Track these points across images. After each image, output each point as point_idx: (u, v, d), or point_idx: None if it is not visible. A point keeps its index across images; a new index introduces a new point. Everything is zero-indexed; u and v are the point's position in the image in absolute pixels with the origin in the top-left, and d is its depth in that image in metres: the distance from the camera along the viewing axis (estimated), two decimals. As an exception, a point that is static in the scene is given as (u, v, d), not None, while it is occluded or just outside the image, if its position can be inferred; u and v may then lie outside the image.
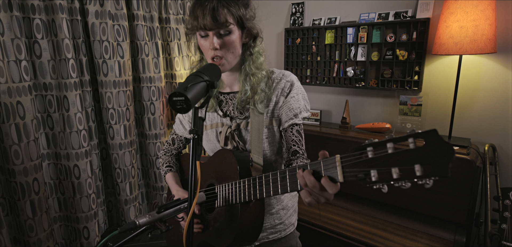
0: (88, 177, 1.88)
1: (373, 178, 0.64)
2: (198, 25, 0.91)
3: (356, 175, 0.66)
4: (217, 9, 0.89)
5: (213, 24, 0.89)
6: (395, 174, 0.61)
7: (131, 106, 2.15)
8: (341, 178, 0.68)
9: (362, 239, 1.59)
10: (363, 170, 0.65)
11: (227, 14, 0.91)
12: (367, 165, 0.65)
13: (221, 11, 0.90)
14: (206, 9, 0.89)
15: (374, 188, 0.65)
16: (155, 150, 2.35)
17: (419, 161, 0.58)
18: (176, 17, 2.47)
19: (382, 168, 0.63)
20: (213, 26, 0.90)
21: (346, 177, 0.67)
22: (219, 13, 0.90)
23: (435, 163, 0.57)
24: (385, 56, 1.98)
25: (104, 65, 1.96)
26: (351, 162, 0.67)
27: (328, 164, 0.71)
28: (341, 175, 0.68)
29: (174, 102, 0.73)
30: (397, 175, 0.61)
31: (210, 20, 0.89)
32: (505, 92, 1.66)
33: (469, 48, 1.48)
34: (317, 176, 0.73)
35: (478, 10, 1.45)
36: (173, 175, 1.23)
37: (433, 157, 0.57)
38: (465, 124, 1.81)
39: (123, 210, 2.19)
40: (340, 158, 0.69)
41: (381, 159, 0.63)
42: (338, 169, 0.68)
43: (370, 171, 0.64)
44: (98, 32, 1.90)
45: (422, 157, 0.58)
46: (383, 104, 2.09)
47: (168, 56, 2.50)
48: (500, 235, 1.05)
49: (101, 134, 2.16)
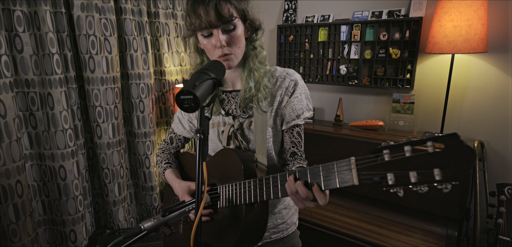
0: (74, 178, 1.79)
1: (389, 182, 0.63)
2: (202, 23, 0.87)
3: (372, 178, 0.65)
4: (220, 4, 0.86)
5: (218, 20, 0.86)
6: (413, 178, 0.60)
7: (119, 103, 2.07)
8: (357, 181, 0.66)
9: (359, 236, 1.60)
10: (379, 173, 0.64)
11: (230, 8, 0.88)
12: (384, 168, 0.64)
13: (224, 6, 0.87)
14: (209, 6, 0.85)
15: (391, 192, 0.64)
16: (145, 149, 2.28)
17: (439, 165, 0.57)
18: (165, 11, 2.39)
19: (400, 172, 0.62)
20: (218, 23, 0.86)
21: (361, 180, 0.66)
22: (223, 8, 0.86)
23: (455, 168, 0.56)
24: (378, 54, 1.99)
25: (91, 60, 1.87)
26: (367, 164, 0.66)
27: (342, 166, 0.69)
28: (357, 177, 0.66)
29: (181, 101, 0.69)
30: (416, 179, 0.60)
31: (215, 16, 0.85)
32: (494, 91, 1.71)
33: (462, 47, 1.51)
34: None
35: (471, 10, 1.47)
36: (173, 170, 1.18)
37: (453, 161, 0.56)
38: (455, 121, 1.85)
39: (112, 211, 2.11)
40: (355, 161, 0.67)
41: (398, 163, 0.62)
42: (353, 172, 0.67)
43: (386, 174, 0.63)
44: (84, 26, 1.81)
45: (441, 161, 0.57)
46: (376, 101, 2.11)
47: (157, 52, 2.42)
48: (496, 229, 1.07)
49: (88, 133, 2.06)
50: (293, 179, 0.77)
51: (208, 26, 0.87)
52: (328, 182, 0.72)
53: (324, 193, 0.74)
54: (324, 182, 0.72)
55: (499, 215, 1.08)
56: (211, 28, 0.88)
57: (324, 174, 0.72)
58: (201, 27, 0.88)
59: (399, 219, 1.70)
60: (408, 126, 1.90)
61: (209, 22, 0.86)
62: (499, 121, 1.73)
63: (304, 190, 0.74)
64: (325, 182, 0.72)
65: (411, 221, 1.68)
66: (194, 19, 0.88)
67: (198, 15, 0.87)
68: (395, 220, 1.70)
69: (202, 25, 0.87)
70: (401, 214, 1.72)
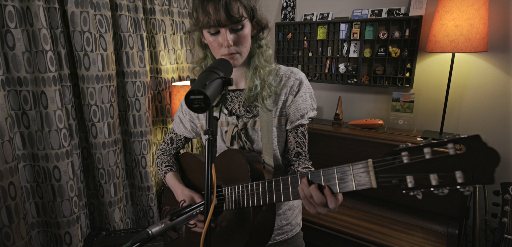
0: (69, 179, 1.74)
1: (409, 185, 0.62)
2: (210, 21, 0.84)
3: (391, 180, 0.63)
4: (230, 3, 0.83)
5: (227, 20, 0.83)
6: (434, 181, 0.59)
7: (115, 102, 2.02)
8: (375, 183, 0.65)
9: (361, 235, 1.60)
10: (398, 176, 0.63)
11: (240, 8, 0.85)
12: (403, 170, 0.62)
13: (234, 5, 0.84)
14: (219, 4, 0.82)
15: (410, 194, 0.62)
16: (141, 149, 2.23)
17: (461, 168, 0.56)
18: (161, 8, 2.35)
19: (419, 174, 0.61)
20: (227, 22, 0.84)
21: (379, 182, 0.65)
22: (233, 7, 0.84)
23: (478, 170, 0.55)
24: (377, 53, 1.99)
25: (86, 58, 1.81)
26: (385, 167, 0.64)
27: (358, 168, 0.67)
28: (375, 180, 0.65)
29: (191, 101, 0.67)
30: (437, 182, 0.59)
31: (224, 16, 0.83)
32: (493, 90, 1.72)
33: (464, 46, 1.51)
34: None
35: (473, 9, 1.48)
36: (174, 174, 1.15)
37: (476, 164, 0.55)
38: (454, 120, 1.86)
39: (107, 212, 2.06)
40: (373, 163, 0.66)
41: (418, 165, 0.61)
42: (371, 174, 0.65)
43: (406, 177, 0.62)
44: (79, 22, 1.75)
45: (463, 164, 0.56)
46: (375, 100, 2.11)
47: (153, 49, 2.38)
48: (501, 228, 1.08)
49: (82, 133, 2.01)
50: (306, 182, 0.75)
51: (217, 25, 0.85)
52: (343, 185, 0.70)
53: (336, 197, 0.72)
54: (339, 185, 0.70)
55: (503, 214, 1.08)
56: (219, 27, 0.85)
57: (339, 177, 0.70)
58: (209, 25, 0.85)
59: (400, 218, 1.70)
60: (408, 125, 1.90)
61: (218, 21, 0.83)
62: (498, 120, 1.74)
63: (319, 195, 0.72)
64: (340, 184, 0.70)
65: (412, 219, 1.68)
66: (202, 16, 0.85)
67: (207, 13, 0.84)
68: (396, 219, 1.71)
69: (210, 23, 0.84)
70: (402, 213, 1.72)
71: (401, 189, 0.62)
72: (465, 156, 0.56)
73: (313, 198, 0.73)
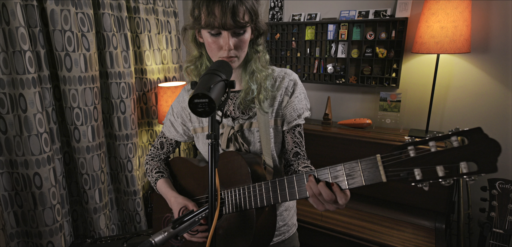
0: (51, 186, 1.66)
1: (417, 177, 0.64)
2: (215, 23, 0.82)
3: (399, 174, 0.66)
4: (237, 8, 0.81)
5: (232, 24, 0.81)
6: (440, 172, 0.62)
7: (99, 104, 1.94)
8: (384, 178, 0.67)
9: (353, 233, 1.62)
10: (406, 169, 0.65)
11: (245, 13, 0.84)
12: (410, 164, 0.65)
13: (240, 9, 0.82)
14: (226, 7, 0.80)
15: (419, 187, 0.65)
16: (126, 152, 2.16)
17: (465, 159, 0.59)
18: (146, 6, 2.28)
19: (426, 167, 0.64)
20: (232, 26, 0.82)
21: (388, 176, 0.67)
22: (239, 12, 0.82)
23: (481, 160, 0.58)
24: (365, 54, 2.02)
25: (67, 58, 1.73)
26: (393, 161, 0.66)
27: (367, 164, 0.69)
28: (384, 175, 0.67)
29: (195, 105, 0.64)
30: (443, 173, 0.62)
31: (231, 20, 0.81)
32: (475, 89, 1.79)
33: (449, 47, 1.56)
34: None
35: (457, 12, 1.53)
36: (166, 181, 1.12)
37: (479, 154, 0.58)
38: (438, 119, 1.93)
39: (92, 219, 1.98)
40: (381, 158, 0.67)
41: (424, 158, 0.63)
42: (380, 169, 0.67)
43: (413, 170, 0.65)
44: (59, 21, 1.66)
45: (467, 155, 0.59)
46: (362, 100, 2.15)
47: (138, 49, 2.30)
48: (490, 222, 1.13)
49: (64, 137, 1.92)
50: (314, 180, 0.75)
51: (221, 27, 0.82)
52: (352, 181, 0.71)
53: (345, 193, 0.73)
54: (348, 181, 0.71)
55: (491, 208, 1.13)
56: (223, 30, 0.83)
57: (347, 173, 0.72)
58: (212, 26, 0.83)
59: (389, 215, 1.74)
60: (395, 123, 1.95)
61: (223, 24, 0.81)
62: (479, 118, 1.82)
63: (328, 192, 0.73)
64: (349, 180, 0.71)
65: (400, 216, 1.72)
66: (206, 17, 0.82)
67: (212, 13, 0.81)
68: (386, 215, 1.74)
69: (214, 25, 0.82)
70: (391, 210, 1.76)
71: (409, 181, 0.65)
72: (469, 148, 0.59)
73: (322, 195, 0.74)
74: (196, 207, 0.98)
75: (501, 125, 1.76)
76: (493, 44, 1.70)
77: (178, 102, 1.12)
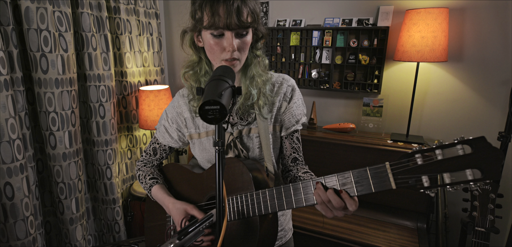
0: (24, 197, 1.54)
1: (425, 184, 0.67)
2: (219, 23, 0.80)
3: (408, 181, 0.68)
4: (241, 9, 0.81)
5: (237, 25, 0.80)
6: (447, 179, 0.64)
7: (77, 108, 1.83)
8: (394, 185, 0.69)
9: (342, 236, 1.65)
10: (414, 177, 0.67)
11: (248, 14, 0.83)
12: (418, 171, 0.67)
13: (244, 10, 0.82)
14: (232, 7, 0.79)
15: (426, 193, 0.67)
16: (105, 158, 2.05)
17: (470, 166, 0.62)
18: (127, 7, 2.19)
19: (433, 174, 0.66)
20: (236, 26, 0.81)
21: (398, 184, 0.68)
22: (243, 13, 0.81)
23: (486, 167, 0.61)
24: (348, 60, 2.08)
25: (43, 59, 1.62)
26: (402, 169, 0.68)
27: (376, 171, 0.70)
28: (393, 182, 0.69)
29: (205, 112, 0.63)
30: (450, 180, 0.64)
31: (236, 19, 0.80)
32: (450, 96, 1.90)
33: (428, 56, 1.65)
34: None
35: (436, 23, 1.62)
36: (161, 187, 1.08)
37: (483, 162, 0.61)
38: (417, 123, 2.02)
39: (68, 230, 1.86)
40: (390, 165, 0.69)
41: (431, 166, 0.66)
42: (390, 176, 0.69)
43: (421, 177, 0.66)
44: (35, 19, 1.56)
45: (472, 163, 0.62)
46: (346, 105, 2.20)
47: (118, 51, 2.21)
48: (472, 221, 1.20)
49: (37, 143, 1.79)
50: (322, 187, 0.75)
51: (225, 28, 0.81)
52: (361, 188, 0.72)
53: (354, 200, 0.74)
54: (357, 188, 0.72)
55: (473, 208, 1.20)
56: (227, 30, 0.82)
57: (355, 180, 0.72)
58: (216, 27, 0.81)
59: (374, 216, 1.79)
60: (377, 128, 2.02)
61: (228, 24, 0.80)
62: (454, 123, 1.93)
63: (338, 199, 0.73)
64: (358, 187, 0.72)
65: (384, 217, 1.78)
66: (210, 17, 0.80)
67: (216, 14, 0.80)
68: (371, 217, 1.79)
69: (218, 25, 0.80)
70: (376, 211, 1.81)
71: (418, 188, 0.67)
72: (474, 156, 0.62)
73: (332, 203, 0.74)
74: (196, 210, 0.96)
75: (474, 130, 1.89)
76: (467, 54, 1.82)
77: (173, 108, 1.08)
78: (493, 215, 1.20)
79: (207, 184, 0.99)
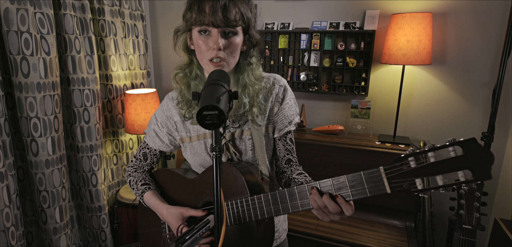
0: (4, 207, 1.47)
1: (418, 187, 0.68)
2: (204, 20, 0.80)
3: (402, 185, 0.69)
4: (228, 7, 0.80)
5: (222, 22, 0.80)
6: (440, 182, 0.66)
7: (60, 113, 1.77)
8: (389, 189, 0.69)
9: (334, 237, 1.66)
10: (408, 180, 0.68)
11: (237, 14, 0.83)
12: (411, 174, 0.68)
13: (232, 9, 0.81)
14: (218, 4, 0.79)
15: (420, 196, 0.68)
16: (91, 165, 1.99)
17: (462, 168, 0.63)
18: (111, 9, 2.14)
19: (427, 177, 0.67)
20: (222, 24, 0.80)
21: (392, 188, 0.69)
22: (231, 11, 0.81)
23: (477, 169, 0.62)
24: (336, 63, 2.11)
25: (24, 63, 1.55)
26: (395, 173, 0.69)
27: (371, 176, 0.71)
28: (388, 186, 0.69)
29: (203, 117, 0.62)
30: (443, 182, 0.66)
31: (221, 17, 0.79)
32: (434, 97, 1.96)
33: (414, 59, 1.69)
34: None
35: (421, 27, 1.66)
36: (154, 193, 1.05)
37: (474, 163, 0.62)
38: (403, 124, 2.07)
39: (51, 241, 1.78)
40: (384, 170, 0.69)
41: (425, 168, 0.67)
42: (385, 181, 0.69)
43: (415, 180, 0.67)
44: (15, 21, 1.49)
45: (464, 164, 0.63)
46: (334, 107, 2.23)
47: (102, 53, 2.15)
48: (459, 219, 1.23)
49: (17, 150, 1.71)
50: (317, 192, 0.75)
51: (211, 25, 0.80)
52: (356, 192, 0.72)
53: (350, 204, 0.74)
54: (352, 192, 0.73)
55: (460, 207, 1.24)
56: (213, 28, 0.81)
57: (350, 185, 0.73)
58: (202, 23, 0.81)
59: (364, 217, 1.82)
60: (365, 129, 2.06)
61: (213, 22, 0.80)
62: (438, 124, 1.99)
63: (334, 204, 0.73)
64: (353, 192, 0.73)
65: (373, 217, 1.81)
66: (196, 14, 0.81)
67: (202, 11, 0.80)
68: (361, 218, 1.82)
69: (203, 21, 0.80)
70: (365, 212, 1.84)
71: (412, 192, 0.68)
72: (465, 158, 0.63)
73: (328, 208, 0.74)
74: (192, 210, 0.95)
75: (457, 130, 1.95)
76: (449, 57, 1.88)
77: (163, 111, 1.06)
78: (479, 213, 1.24)
79: (200, 190, 0.98)
